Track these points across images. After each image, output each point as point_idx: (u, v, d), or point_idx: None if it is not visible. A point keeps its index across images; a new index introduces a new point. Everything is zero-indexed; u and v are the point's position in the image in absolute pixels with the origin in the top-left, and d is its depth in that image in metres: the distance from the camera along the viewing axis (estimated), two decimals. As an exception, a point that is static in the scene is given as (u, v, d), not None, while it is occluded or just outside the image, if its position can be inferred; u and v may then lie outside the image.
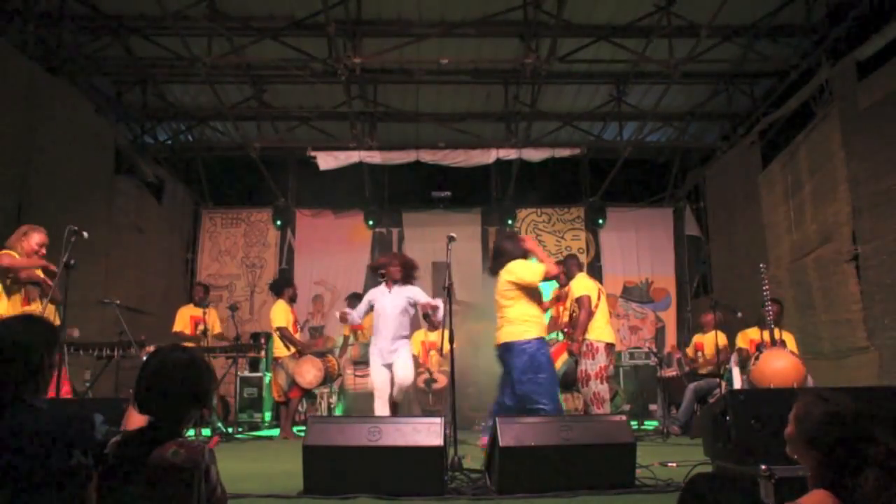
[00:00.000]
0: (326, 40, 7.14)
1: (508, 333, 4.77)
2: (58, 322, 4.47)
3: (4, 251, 4.69)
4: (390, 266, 5.91)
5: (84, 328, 5.96)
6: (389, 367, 5.77)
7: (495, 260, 5.02)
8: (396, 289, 5.86)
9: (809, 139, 7.53)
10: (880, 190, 6.28)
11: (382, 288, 5.92)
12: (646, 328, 10.79)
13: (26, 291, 4.72)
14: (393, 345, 5.76)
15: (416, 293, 5.90)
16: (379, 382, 5.77)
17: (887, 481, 1.64)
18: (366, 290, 6.95)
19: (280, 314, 7.27)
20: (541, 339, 4.78)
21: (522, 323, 4.74)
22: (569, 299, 6.03)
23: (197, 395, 1.95)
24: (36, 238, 4.82)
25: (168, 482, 1.76)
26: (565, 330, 6.27)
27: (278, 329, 7.21)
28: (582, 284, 6.02)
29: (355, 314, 6.03)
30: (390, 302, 5.81)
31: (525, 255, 4.95)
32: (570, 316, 6.06)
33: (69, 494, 1.72)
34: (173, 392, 1.90)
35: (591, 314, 5.86)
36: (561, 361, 5.68)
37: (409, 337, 5.99)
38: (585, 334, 5.84)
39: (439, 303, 5.58)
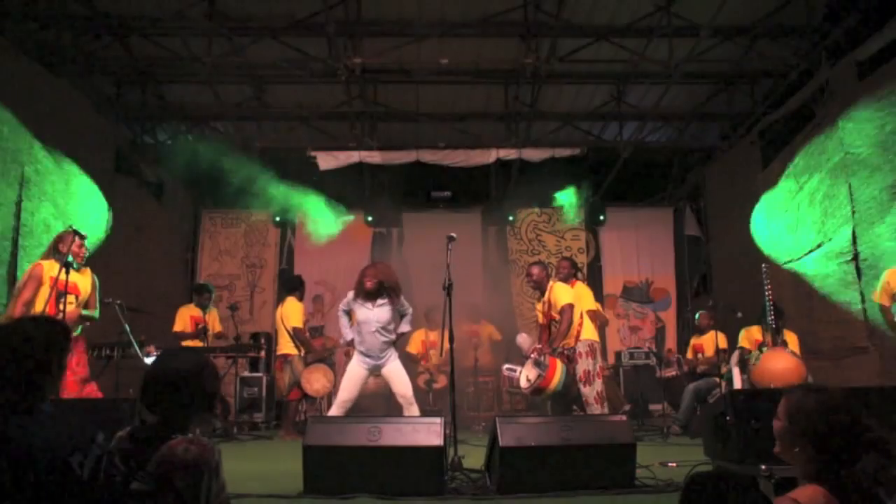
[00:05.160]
0: (326, 40, 7.14)
1: None
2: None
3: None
4: (366, 280, 5.33)
5: (84, 328, 5.95)
6: (372, 370, 5.36)
7: None
8: (380, 303, 5.34)
9: (809, 139, 7.52)
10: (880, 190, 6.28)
11: (364, 301, 5.37)
12: (646, 328, 10.79)
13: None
14: (381, 354, 5.35)
15: (405, 309, 5.48)
16: (347, 390, 5.26)
17: (884, 463, 1.67)
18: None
19: (296, 314, 7.24)
20: None
21: None
22: (552, 307, 5.89)
23: (204, 398, 1.95)
24: (76, 240, 4.95)
25: (177, 478, 1.74)
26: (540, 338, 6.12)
27: (294, 329, 7.16)
28: (566, 293, 5.97)
29: (346, 330, 5.51)
30: (374, 317, 5.30)
31: None
32: (550, 325, 5.96)
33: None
34: (182, 394, 1.89)
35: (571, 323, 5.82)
36: (559, 373, 5.61)
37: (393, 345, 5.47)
38: (580, 337, 5.81)
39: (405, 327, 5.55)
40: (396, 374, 5.34)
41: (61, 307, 4.71)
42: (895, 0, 6.03)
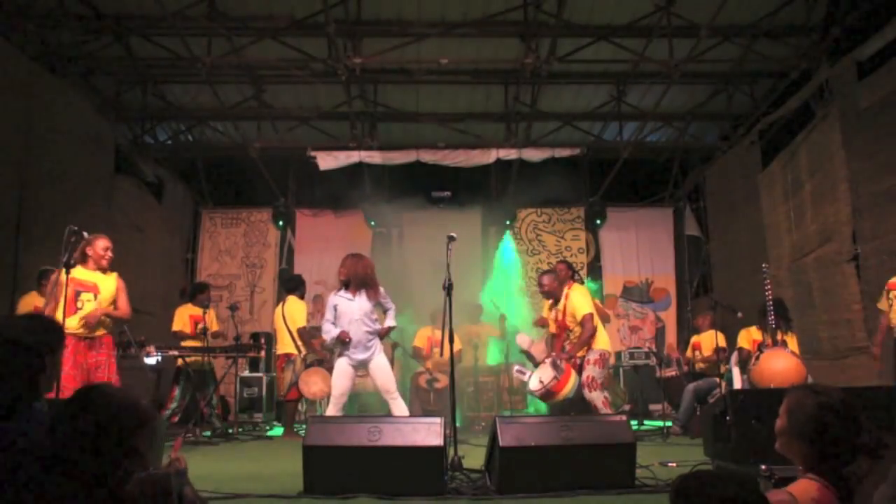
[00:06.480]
0: (326, 40, 7.14)
1: None
2: None
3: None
4: (339, 273, 5.48)
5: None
6: (358, 367, 5.35)
7: None
8: (358, 294, 5.38)
9: (809, 139, 7.53)
10: (880, 190, 6.28)
11: (344, 293, 5.42)
12: (646, 328, 10.79)
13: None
14: (367, 347, 5.34)
15: (387, 303, 5.50)
16: (339, 386, 5.28)
17: (875, 467, 1.71)
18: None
19: (301, 314, 7.21)
20: None
21: None
22: (567, 315, 5.80)
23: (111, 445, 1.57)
24: (101, 244, 4.99)
25: None
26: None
27: (301, 329, 7.14)
28: (584, 301, 5.82)
29: (329, 327, 5.45)
30: (357, 306, 5.34)
31: None
32: (567, 332, 5.85)
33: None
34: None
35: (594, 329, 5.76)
36: (573, 381, 5.55)
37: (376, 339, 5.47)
38: (592, 346, 5.75)
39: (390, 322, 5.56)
40: (381, 369, 5.36)
41: (79, 305, 4.82)
42: (895, 0, 6.04)
